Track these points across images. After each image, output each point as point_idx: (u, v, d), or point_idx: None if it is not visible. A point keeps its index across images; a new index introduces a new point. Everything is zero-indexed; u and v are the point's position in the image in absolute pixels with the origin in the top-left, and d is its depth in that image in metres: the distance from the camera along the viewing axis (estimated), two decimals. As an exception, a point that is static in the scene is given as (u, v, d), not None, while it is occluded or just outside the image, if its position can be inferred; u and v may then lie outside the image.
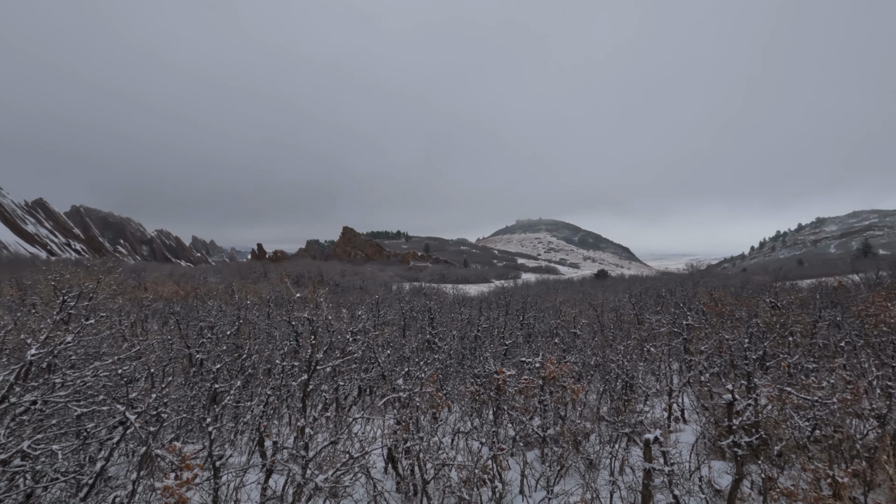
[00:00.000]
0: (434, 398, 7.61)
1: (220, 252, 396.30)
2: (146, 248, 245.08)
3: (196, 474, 4.25)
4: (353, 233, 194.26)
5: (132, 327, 12.19)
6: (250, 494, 6.19)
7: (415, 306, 19.90)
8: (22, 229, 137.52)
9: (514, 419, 7.99)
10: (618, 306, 22.51)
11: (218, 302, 19.32)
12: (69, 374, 5.21)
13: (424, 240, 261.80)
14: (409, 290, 53.45)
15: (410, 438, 6.53)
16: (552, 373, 8.21)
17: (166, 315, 18.90)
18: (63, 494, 5.52)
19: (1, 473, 4.35)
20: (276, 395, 8.45)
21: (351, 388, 11.31)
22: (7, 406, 4.27)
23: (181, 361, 10.20)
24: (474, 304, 27.30)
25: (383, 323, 15.89)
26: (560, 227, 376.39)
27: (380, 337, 12.14)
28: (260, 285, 52.18)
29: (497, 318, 17.28)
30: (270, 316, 17.28)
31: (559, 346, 12.48)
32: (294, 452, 4.67)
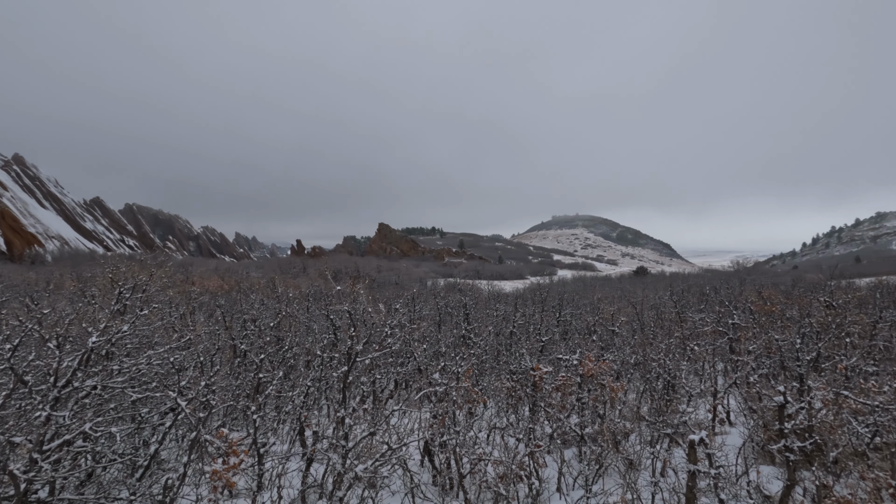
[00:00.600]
0: (470, 393, 7.62)
1: (261, 248, 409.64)
2: (193, 243, 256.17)
3: (242, 460, 4.42)
4: (388, 229, 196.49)
5: (181, 319, 12.77)
6: (291, 481, 6.39)
7: (450, 302, 19.96)
8: (81, 226, 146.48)
9: (551, 416, 7.90)
10: (658, 304, 21.86)
11: (260, 296, 19.97)
12: (125, 361, 5.51)
13: (459, 236, 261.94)
14: (443, 285, 53.65)
15: (447, 432, 6.57)
16: (590, 370, 8.06)
17: (212, 308, 19.69)
18: (120, 475, 5.86)
19: (66, 453, 4.66)
20: (316, 387, 8.67)
21: (387, 381, 11.46)
22: (71, 390, 4.55)
23: (226, 352, 10.60)
24: (509, 300, 27.12)
25: (419, 318, 16.01)
26: (597, 222, 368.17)
27: (416, 331, 12.25)
28: (299, 280, 53.59)
29: (533, 315, 17.10)
30: (309, 310, 17.72)
31: (597, 343, 12.23)
32: (334, 442, 4.78)
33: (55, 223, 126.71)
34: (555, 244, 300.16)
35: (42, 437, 4.06)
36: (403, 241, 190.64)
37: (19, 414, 4.33)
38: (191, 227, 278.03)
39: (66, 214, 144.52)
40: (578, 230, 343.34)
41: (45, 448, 4.07)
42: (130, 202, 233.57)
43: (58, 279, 37.78)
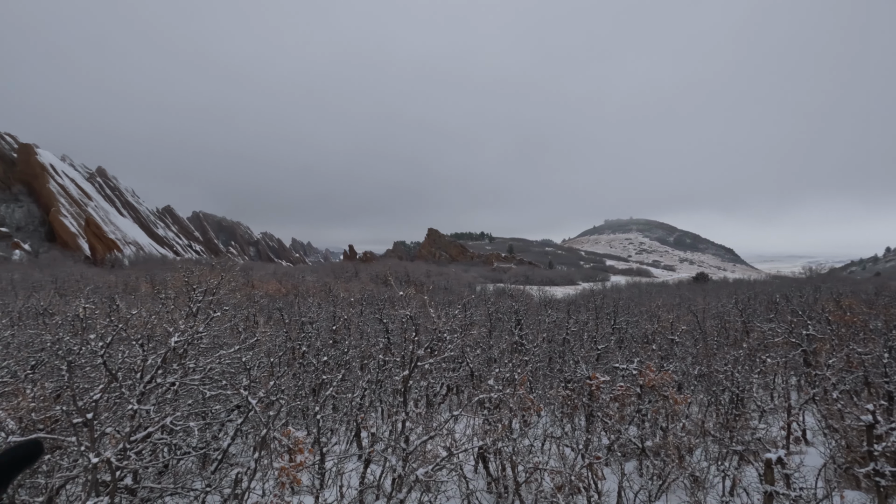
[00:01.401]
0: (525, 400, 7.52)
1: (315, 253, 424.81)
2: (253, 249, 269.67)
3: (306, 458, 4.59)
4: (437, 234, 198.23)
5: (245, 321, 13.44)
6: (350, 481, 6.55)
7: (500, 307, 19.82)
8: (154, 232, 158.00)
9: (609, 427, 7.65)
10: (721, 312, 20.70)
11: (316, 299, 20.69)
12: (199, 360, 5.87)
13: (508, 241, 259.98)
14: (493, 291, 53.42)
15: (502, 439, 6.52)
16: (651, 381, 7.75)
17: (271, 311, 20.62)
18: (193, 466, 6.24)
19: (149, 444, 5.02)
20: (372, 389, 8.86)
21: (440, 386, 11.54)
22: (154, 386, 4.91)
23: (287, 353, 11.05)
24: (561, 306, 26.59)
25: (470, 323, 16.01)
26: (653, 226, 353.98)
27: (468, 337, 12.26)
28: (351, 284, 55.06)
29: (587, 322, 16.68)
30: (363, 313, 18.16)
31: (657, 352, 11.75)
32: (392, 444, 4.86)
33: (132, 230, 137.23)
34: (607, 249, 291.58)
35: (130, 429, 4.39)
36: (452, 245, 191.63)
37: (110, 406, 4.72)
38: (251, 232, 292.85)
39: (141, 222, 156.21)
40: (633, 235, 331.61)
41: (132, 439, 4.41)
42: (197, 210, 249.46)
43: (133, 282, 40.83)
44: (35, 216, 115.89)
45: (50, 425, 4.85)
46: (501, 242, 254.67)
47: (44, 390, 5.43)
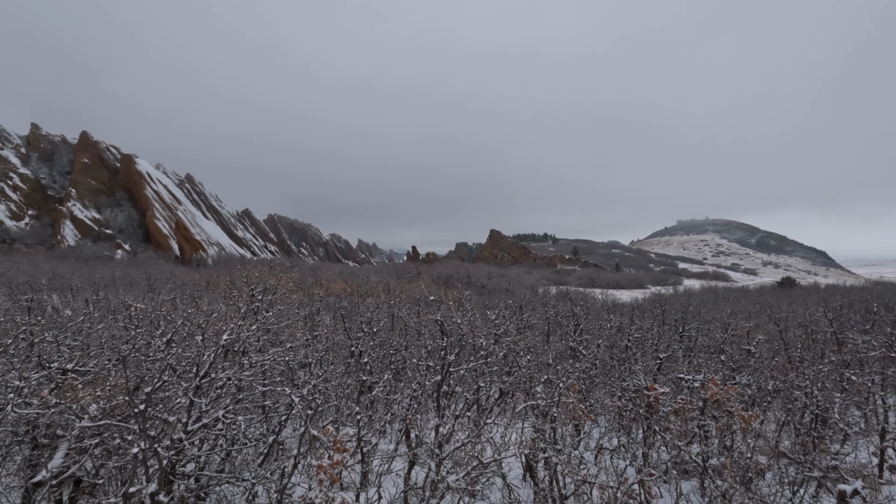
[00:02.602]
0: (576, 409, 7.24)
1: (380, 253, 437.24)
2: (322, 249, 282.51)
3: (346, 457, 4.68)
4: (499, 235, 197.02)
5: (306, 319, 14.02)
6: (395, 482, 6.62)
7: (560, 311, 19.30)
8: (234, 234, 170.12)
9: (668, 442, 7.18)
10: (808, 321, 18.82)
11: (375, 299, 21.23)
12: (254, 357, 6.19)
13: (572, 242, 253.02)
14: (555, 293, 52.20)
15: (549, 448, 6.31)
16: (715, 395, 7.18)
17: (335, 309, 21.41)
18: (249, 458, 6.57)
19: (206, 435, 5.37)
20: (421, 391, 8.93)
21: (492, 389, 11.40)
22: (210, 380, 5.23)
23: (344, 351, 11.41)
24: (626, 311, 25.45)
25: (526, 326, 15.72)
26: (732, 227, 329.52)
27: (522, 341, 12.03)
28: (413, 285, 56.00)
29: (651, 328, 15.82)
30: (420, 314, 18.38)
31: (726, 364, 10.89)
32: (432, 448, 4.85)
33: (215, 232, 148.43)
34: (680, 251, 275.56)
35: (186, 420, 4.70)
36: (514, 247, 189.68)
37: (170, 397, 5.08)
38: (320, 234, 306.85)
39: (223, 224, 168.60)
40: (709, 236, 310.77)
41: (189, 429, 4.72)
42: (272, 212, 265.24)
43: (215, 280, 44.10)
44: (134, 219, 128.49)
45: (122, 413, 5.31)
46: (565, 244, 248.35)
47: (119, 380, 5.96)
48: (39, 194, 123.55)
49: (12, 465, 6.06)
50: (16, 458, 6.00)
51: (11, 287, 24.64)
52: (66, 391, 5.34)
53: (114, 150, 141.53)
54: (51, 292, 28.48)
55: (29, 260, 61.85)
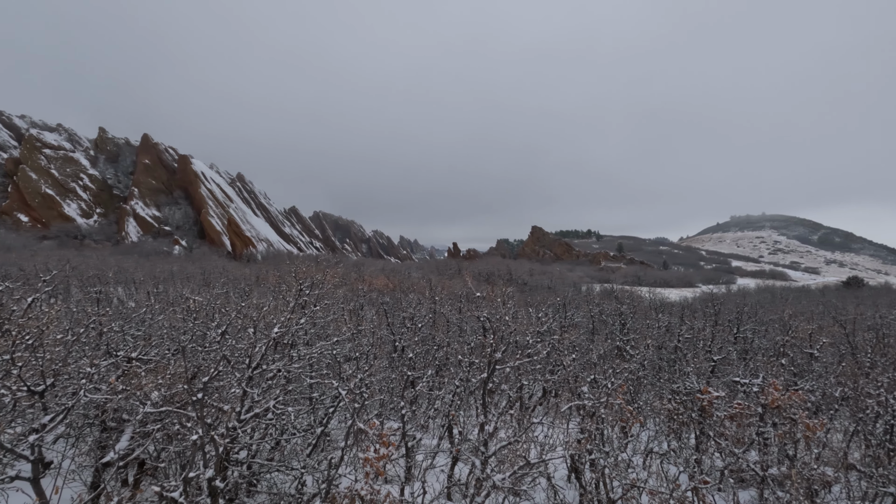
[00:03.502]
0: (623, 411, 7.02)
1: (421, 250, 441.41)
2: (365, 246, 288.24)
3: (391, 451, 4.73)
4: (541, 232, 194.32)
5: (350, 314, 14.30)
6: (439, 477, 6.64)
7: (605, 309, 18.81)
8: (282, 230, 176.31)
9: (723, 449, 6.84)
10: (879, 324, 17.47)
11: (417, 295, 21.40)
12: (303, 350, 6.36)
13: (617, 239, 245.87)
14: (599, 291, 50.92)
15: (596, 450, 6.14)
16: (776, 400, 6.77)
17: (378, 304, 21.76)
18: (298, 447, 6.77)
19: (258, 424, 5.56)
20: (464, 387, 8.91)
21: (535, 388, 11.25)
22: (261, 371, 5.41)
23: (386, 346, 11.56)
24: (674, 310, 24.51)
25: (570, 325, 15.40)
26: (791, 223, 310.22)
27: (566, 339, 11.80)
28: (454, 281, 56.12)
29: (703, 329, 15.14)
30: (461, 311, 18.38)
31: (787, 368, 10.26)
32: (476, 446, 4.82)
33: (264, 229, 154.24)
34: (733, 248, 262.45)
35: (240, 409, 4.88)
36: (557, 244, 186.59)
37: (224, 387, 5.29)
38: (363, 230, 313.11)
39: (271, 221, 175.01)
40: (765, 232, 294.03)
41: (242, 418, 4.90)
42: (317, 209, 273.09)
43: (264, 275, 45.82)
44: (190, 217, 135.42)
45: (181, 400, 5.58)
46: (610, 241, 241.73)
47: (179, 369, 6.27)
48: (106, 194, 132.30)
49: (84, 446, 6.51)
50: (87, 439, 6.44)
51: (82, 280, 26.54)
52: (131, 378, 5.66)
53: (172, 152, 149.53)
54: (116, 285, 30.43)
55: (97, 255, 66.35)
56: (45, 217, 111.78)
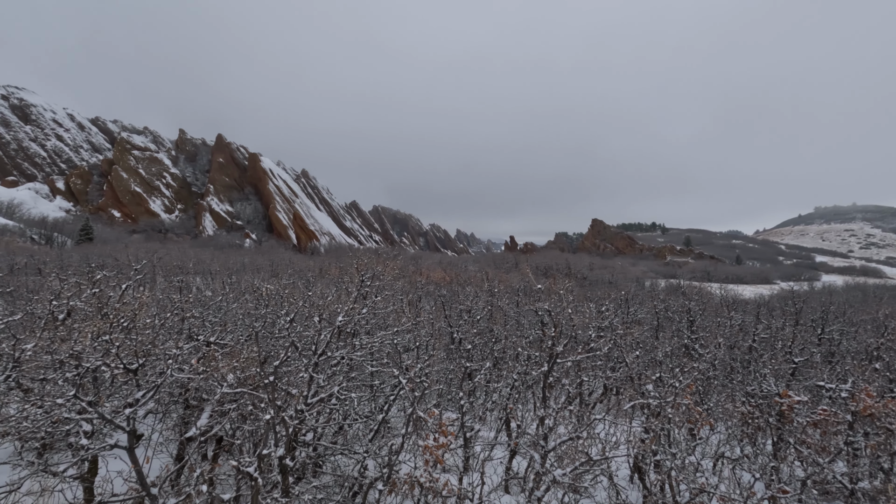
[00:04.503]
0: (692, 411, 6.67)
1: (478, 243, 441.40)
2: (422, 239, 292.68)
3: (450, 441, 4.78)
4: (602, 225, 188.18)
5: (409, 305, 14.57)
6: (496, 469, 6.65)
7: (670, 306, 17.95)
8: (343, 224, 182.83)
9: (806, 458, 6.34)
10: None
11: (475, 288, 21.43)
12: (364, 339, 6.56)
13: (684, 232, 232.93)
14: (664, 287, 48.65)
15: (661, 452, 5.89)
16: (869, 408, 6.17)
17: (435, 296, 22.03)
18: (360, 432, 7.01)
19: (323, 408, 5.82)
20: (522, 381, 8.84)
21: (595, 385, 10.96)
22: (326, 358, 5.64)
23: (444, 338, 11.69)
24: (749, 308, 22.93)
25: (633, 321, 14.84)
26: (887, 214, 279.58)
27: (628, 336, 11.39)
28: (511, 275, 55.66)
29: (782, 329, 14.07)
30: (519, 304, 18.20)
31: (882, 373, 9.33)
32: (535, 440, 4.77)
33: (326, 223, 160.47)
34: (817, 242, 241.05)
35: (306, 393, 5.12)
36: (619, 237, 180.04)
37: (293, 372, 5.57)
38: (421, 224, 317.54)
39: (333, 215, 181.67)
40: (856, 224, 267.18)
41: (308, 402, 5.14)
42: (377, 204, 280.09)
43: (326, 267, 47.69)
44: (259, 211, 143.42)
45: (254, 383, 5.94)
46: (677, 234, 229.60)
47: (251, 353, 6.67)
48: (185, 190, 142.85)
49: (170, 421, 7.11)
50: (172, 415, 7.02)
51: (166, 270, 28.86)
52: (210, 361, 6.09)
53: (243, 150, 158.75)
54: (195, 275, 32.81)
55: (178, 247, 71.85)
56: (134, 213, 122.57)
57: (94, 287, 6.59)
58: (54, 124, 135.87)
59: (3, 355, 6.02)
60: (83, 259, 35.70)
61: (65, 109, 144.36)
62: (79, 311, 6.73)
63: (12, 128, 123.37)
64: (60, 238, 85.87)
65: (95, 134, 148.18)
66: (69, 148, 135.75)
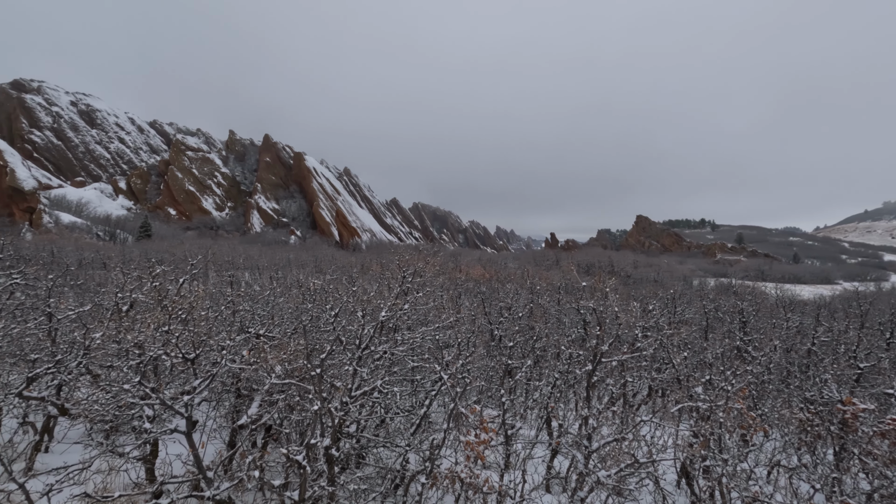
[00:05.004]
0: (745, 417, 6.38)
1: (518, 240, 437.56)
2: (461, 236, 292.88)
3: (491, 437, 4.78)
4: (647, 221, 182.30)
5: (449, 302, 14.64)
6: (537, 468, 6.60)
7: (721, 306, 17.19)
8: (383, 221, 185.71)
9: (872, 470, 5.93)
10: None
11: (515, 285, 21.27)
12: (406, 334, 6.65)
13: (736, 229, 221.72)
14: (713, 286, 46.64)
15: (711, 457, 5.68)
16: (945, 419, 5.70)
17: (475, 294, 22.04)
18: (401, 426, 7.12)
19: (366, 401, 5.96)
20: (563, 380, 8.71)
21: (640, 386, 10.67)
22: (369, 352, 5.76)
23: (484, 335, 11.68)
24: (808, 309, 21.66)
25: (680, 321, 14.32)
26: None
27: (675, 336, 11.01)
28: (552, 272, 54.87)
29: (845, 332, 13.21)
30: (560, 302, 17.93)
31: (961, 382, 8.60)
32: (578, 440, 4.70)
33: (367, 220, 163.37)
34: (886, 240, 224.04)
35: (350, 386, 5.25)
36: (665, 234, 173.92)
37: (337, 365, 5.72)
38: (460, 221, 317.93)
39: (374, 213, 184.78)
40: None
41: (352, 395, 5.26)
42: (416, 201, 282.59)
43: (367, 263, 48.61)
44: (303, 209, 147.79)
45: (300, 374, 6.15)
46: (728, 231, 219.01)
47: (298, 346, 6.91)
48: (235, 189, 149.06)
49: (223, 409, 7.46)
50: (225, 403, 7.36)
51: (217, 265, 30.26)
52: (259, 352, 6.35)
53: (288, 150, 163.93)
54: (244, 270, 34.21)
55: (228, 243, 75.11)
56: (188, 210, 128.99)
57: (154, 281, 7.00)
58: (117, 128, 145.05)
59: (75, 343, 6.50)
60: (143, 254, 37.98)
61: (126, 114, 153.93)
62: (140, 303, 7.17)
63: (80, 132, 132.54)
64: (122, 234, 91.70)
65: (153, 136, 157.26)
66: (130, 150, 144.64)
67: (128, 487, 5.45)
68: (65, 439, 7.18)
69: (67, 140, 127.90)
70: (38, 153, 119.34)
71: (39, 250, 33.83)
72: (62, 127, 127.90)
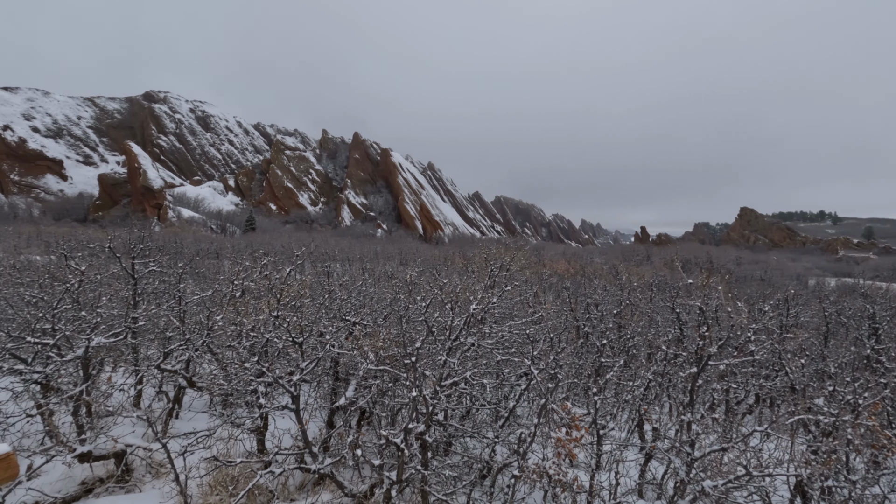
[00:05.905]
0: (877, 435, 5.63)
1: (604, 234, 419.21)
2: (545, 229, 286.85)
3: (582, 435, 4.69)
4: (753, 214, 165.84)
5: (534, 296, 14.46)
6: (629, 471, 6.34)
7: (844, 309, 15.24)
8: (466, 215, 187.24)
9: None
10: None
11: (602, 281, 20.47)
12: (493, 327, 6.70)
13: (864, 222, 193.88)
14: (834, 286, 41.40)
15: (833, 477, 5.09)
16: None
17: (559, 289, 21.54)
18: (487, 418, 7.20)
19: (454, 391, 6.10)
20: (658, 382, 8.26)
21: (746, 393, 9.82)
22: (458, 343, 5.88)
23: (570, 331, 11.40)
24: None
25: (794, 325, 12.93)
26: None
27: (789, 341, 9.96)
28: (643, 268, 51.98)
29: None
30: (653, 300, 16.97)
31: None
32: (677, 446, 4.45)
33: (450, 213, 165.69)
34: None
35: (440, 376, 5.41)
36: (774, 228, 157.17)
37: (428, 355, 5.91)
38: (543, 214, 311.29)
39: (457, 206, 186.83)
40: None
41: (442, 384, 5.42)
42: (499, 194, 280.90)
43: (450, 256, 49.37)
44: (389, 203, 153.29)
45: (392, 361, 6.44)
46: (853, 224, 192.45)
47: (390, 335, 7.23)
48: (327, 185, 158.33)
49: (322, 391, 8.02)
50: (324, 385, 7.91)
51: (313, 256, 32.43)
52: (356, 339, 6.74)
53: (376, 146, 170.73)
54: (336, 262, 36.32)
55: (321, 236, 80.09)
56: (286, 206, 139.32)
57: (263, 270, 7.69)
58: (226, 131, 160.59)
59: (200, 324, 7.35)
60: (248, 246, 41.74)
61: (234, 118, 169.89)
62: (251, 290, 7.92)
63: (197, 135, 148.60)
64: (231, 227, 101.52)
65: (257, 137, 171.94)
66: (237, 150, 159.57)
67: (243, 455, 6.08)
68: (191, 408, 8.18)
69: (187, 143, 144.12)
70: (164, 156, 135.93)
71: (167, 241, 38.58)
72: (182, 132, 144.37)
